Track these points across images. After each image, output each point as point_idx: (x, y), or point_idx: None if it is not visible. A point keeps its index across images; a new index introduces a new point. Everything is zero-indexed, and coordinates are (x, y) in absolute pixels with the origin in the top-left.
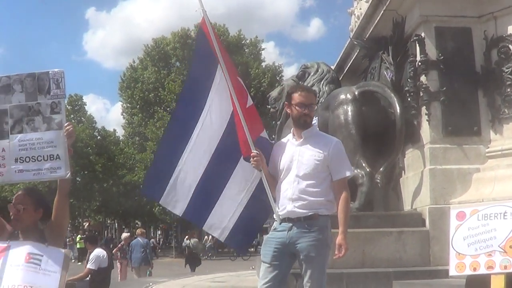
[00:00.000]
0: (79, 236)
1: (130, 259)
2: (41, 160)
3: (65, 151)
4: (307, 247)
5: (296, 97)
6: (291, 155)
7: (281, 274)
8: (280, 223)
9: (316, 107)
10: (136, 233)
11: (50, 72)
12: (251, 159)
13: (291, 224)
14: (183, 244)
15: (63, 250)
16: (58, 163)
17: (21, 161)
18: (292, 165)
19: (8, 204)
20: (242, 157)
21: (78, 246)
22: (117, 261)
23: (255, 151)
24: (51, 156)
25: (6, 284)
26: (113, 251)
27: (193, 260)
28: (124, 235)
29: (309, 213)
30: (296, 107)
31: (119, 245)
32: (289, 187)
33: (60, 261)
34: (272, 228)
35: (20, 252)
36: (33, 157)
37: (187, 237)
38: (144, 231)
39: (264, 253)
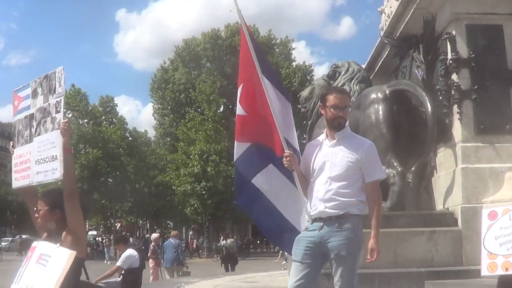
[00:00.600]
0: None
1: (162, 260)
2: (48, 161)
3: (61, 151)
4: (337, 246)
5: (331, 99)
6: (324, 156)
7: (312, 272)
8: (311, 223)
9: (350, 108)
10: (171, 235)
11: (55, 71)
12: (284, 158)
13: (322, 224)
14: (220, 244)
15: (69, 251)
16: (56, 164)
17: (38, 163)
18: (324, 166)
19: None
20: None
21: None
22: (149, 262)
23: (287, 151)
24: (53, 157)
25: (21, 283)
26: (148, 254)
27: (230, 260)
28: (154, 235)
29: (340, 213)
30: (331, 109)
31: (152, 247)
32: (321, 188)
33: (64, 262)
34: (304, 227)
35: (37, 252)
36: (43, 159)
37: (222, 237)
38: (178, 233)
39: (295, 251)
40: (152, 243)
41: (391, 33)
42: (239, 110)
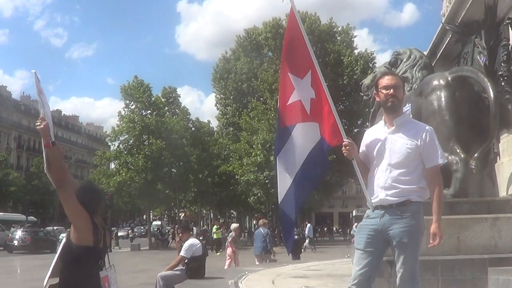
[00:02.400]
0: (215, 226)
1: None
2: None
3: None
4: (399, 233)
5: (381, 81)
6: (383, 143)
7: (375, 260)
8: (373, 211)
9: (403, 89)
10: (259, 224)
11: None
12: (343, 147)
13: (383, 211)
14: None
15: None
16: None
17: None
18: (384, 153)
19: None
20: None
21: (215, 236)
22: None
23: (347, 139)
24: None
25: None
26: (228, 241)
27: (296, 249)
28: (234, 225)
29: (401, 200)
30: (382, 91)
31: (233, 236)
32: (381, 176)
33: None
34: (365, 215)
35: None
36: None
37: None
38: (266, 221)
39: (358, 240)
40: (232, 232)
41: (453, 19)
42: (312, 93)
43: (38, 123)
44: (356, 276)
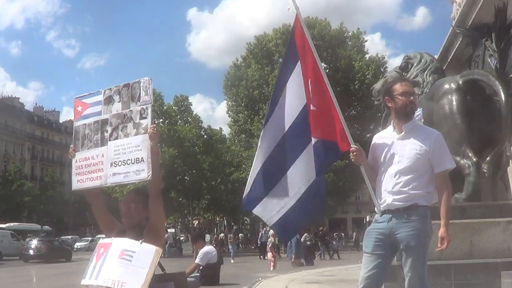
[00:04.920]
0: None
1: (289, 253)
2: (129, 163)
3: (148, 154)
4: (406, 237)
5: (398, 87)
6: (392, 149)
7: (383, 263)
8: (381, 215)
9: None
10: None
11: (141, 80)
12: (351, 154)
13: (390, 215)
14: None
15: (154, 248)
16: (142, 165)
17: (115, 165)
18: (393, 159)
19: (119, 202)
20: (303, 152)
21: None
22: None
23: (354, 145)
24: (137, 159)
25: (102, 278)
26: (267, 248)
27: (309, 255)
28: (272, 231)
29: (408, 204)
30: (401, 97)
31: (272, 241)
32: (389, 181)
33: (150, 258)
34: (373, 220)
35: (117, 248)
36: (123, 161)
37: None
38: None
39: (366, 243)
40: (271, 238)
41: (463, 23)
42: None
43: (155, 130)
44: (364, 279)
